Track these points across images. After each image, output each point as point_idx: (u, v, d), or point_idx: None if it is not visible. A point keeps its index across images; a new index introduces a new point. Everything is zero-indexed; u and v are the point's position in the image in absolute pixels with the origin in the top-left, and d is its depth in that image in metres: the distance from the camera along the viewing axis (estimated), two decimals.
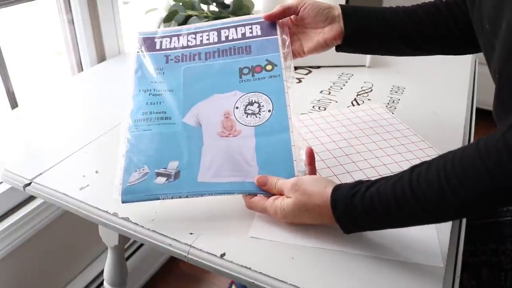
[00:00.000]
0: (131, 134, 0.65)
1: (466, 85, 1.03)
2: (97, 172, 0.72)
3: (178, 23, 1.11)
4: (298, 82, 1.05)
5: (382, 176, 0.56)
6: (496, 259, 0.71)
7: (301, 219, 0.58)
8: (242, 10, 1.14)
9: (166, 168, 0.62)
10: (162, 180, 0.62)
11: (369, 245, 0.58)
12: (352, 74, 1.09)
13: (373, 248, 0.58)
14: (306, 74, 1.10)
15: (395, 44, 0.73)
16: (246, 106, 0.67)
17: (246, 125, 0.65)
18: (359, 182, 0.55)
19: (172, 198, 0.61)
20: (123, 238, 0.77)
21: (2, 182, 0.96)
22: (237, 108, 0.67)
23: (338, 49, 0.74)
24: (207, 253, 0.57)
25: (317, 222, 0.58)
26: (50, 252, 1.14)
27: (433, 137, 0.81)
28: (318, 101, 0.96)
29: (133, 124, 0.66)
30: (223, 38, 0.73)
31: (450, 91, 1.00)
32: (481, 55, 0.66)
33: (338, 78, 1.07)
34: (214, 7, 1.20)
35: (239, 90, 0.68)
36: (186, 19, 1.11)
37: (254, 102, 0.67)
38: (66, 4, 1.12)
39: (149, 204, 0.61)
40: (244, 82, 0.68)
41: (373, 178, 0.54)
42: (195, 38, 0.74)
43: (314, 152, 0.64)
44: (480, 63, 1.12)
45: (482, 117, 1.28)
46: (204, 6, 1.19)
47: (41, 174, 0.72)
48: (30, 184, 0.71)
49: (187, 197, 0.61)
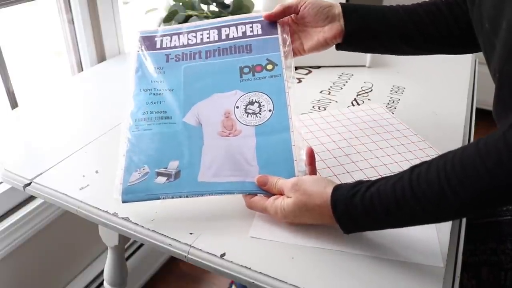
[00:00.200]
0: (132, 133, 0.65)
1: (466, 85, 1.03)
2: (97, 172, 0.72)
3: (178, 23, 1.11)
4: (298, 82, 1.05)
5: (382, 176, 0.56)
6: (496, 259, 0.71)
7: (301, 219, 0.58)
8: (242, 10, 1.14)
9: (166, 167, 0.62)
10: (162, 179, 0.62)
11: (369, 245, 0.58)
12: (352, 74, 1.09)
13: (373, 248, 0.58)
14: (306, 74, 1.10)
15: (395, 42, 0.73)
16: (246, 106, 0.67)
17: (246, 124, 0.65)
18: (359, 182, 0.55)
19: (172, 197, 0.61)
20: (123, 238, 0.77)
21: (2, 182, 0.96)
22: (237, 107, 0.67)
23: (338, 47, 0.74)
24: (207, 253, 0.57)
25: (317, 222, 0.58)
26: (50, 252, 1.14)
27: (433, 137, 0.81)
28: (318, 101, 0.96)
29: (133, 123, 0.66)
30: (224, 37, 0.73)
31: (450, 91, 1.00)
32: (481, 55, 0.66)
33: (338, 78, 1.07)
34: (214, 7, 1.20)
35: (240, 89, 0.68)
36: (186, 19, 1.11)
37: (254, 101, 0.67)
38: (66, 4, 1.12)
39: (149, 204, 0.61)
40: (244, 82, 0.68)
41: (373, 178, 0.55)
42: (196, 37, 0.74)
43: (314, 152, 0.64)
44: (480, 63, 1.12)
45: (482, 117, 1.28)
46: (204, 6, 1.19)
47: (41, 174, 0.72)
48: (30, 184, 0.71)
49: (188, 196, 0.61)
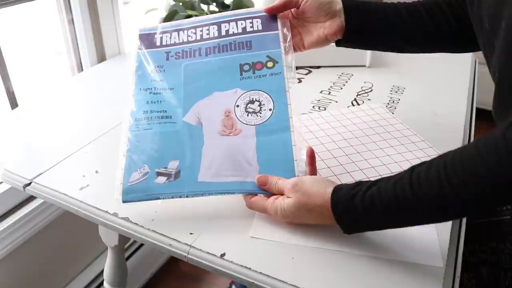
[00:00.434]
0: (132, 133, 0.65)
1: (466, 85, 1.03)
2: (97, 172, 0.72)
3: None
4: (298, 82, 1.05)
5: (382, 176, 0.56)
6: (496, 258, 0.71)
7: (301, 219, 0.58)
8: None
9: (166, 167, 0.62)
10: (162, 179, 0.62)
11: (369, 245, 0.58)
12: (352, 74, 1.09)
13: (373, 248, 0.58)
14: (306, 74, 1.10)
15: (396, 40, 0.73)
16: (247, 105, 0.66)
17: (247, 123, 0.65)
18: (360, 183, 0.54)
19: (172, 197, 0.61)
20: (123, 238, 0.77)
21: (2, 182, 0.96)
22: (237, 106, 0.66)
23: (338, 44, 0.74)
24: (207, 253, 0.57)
25: (317, 223, 0.58)
26: (50, 252, 1.14)
27: (433, 137, 0.81)
28: (318, 101, 0.96)
29: (134, 123, 0.66)
30: (223, 33, 0.72)
31: (450, 91, 1.00)
32: (481, 55, 0.66)
33: (338, 78, 1.07)
34: (214, 7, 1.20)
35: (240, 87, 0.68)
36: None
37: (255, 100, 0.66)
38: (66, 4, 1.12)
39: (149, 204, 0.61)
40: (244, 80, 0.68)
41: (373, 178, 0.54)
42: (195, 33, 0.73)
43: (314, 152, 0.64)
44: (480, 63, 1.12)
45: (482, 117, 1.28)
46: (204, 6, 1.19)
47: (41, 174, 0.72)
48: (30, 184, 0.70)
49: (188, 196, 0.61)
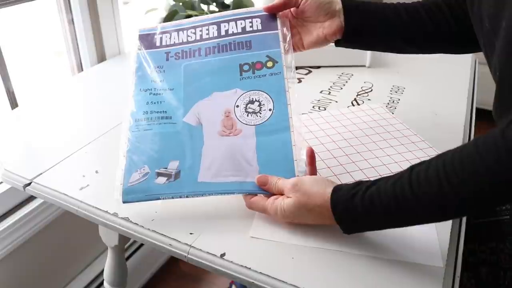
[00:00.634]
0: (132, 133, 0.65)
1: (466, 85, 1.03)
2: (97, 172, 0.72)
3: None
4: (298, 82, 1.05)
5: (382, 176, 0.56)
6: (495, 258, 0.71)
7: (301, 219, 0.58)
8: None
9: (166, 168, 0.62)
10: (162, 180, 0.62)
11: (369, 245, 0.58)
12: (352, 74, 1.09)
13: (373, 248, 0.58)
14: (306, 74, 1.10)
15: (395, 41, 0.73)
16: (246, 105, 0.66)
17: (246, 124, 0.65)
18: (359, 183, 0.54)
19: (172, 198, 0.61)
20: (123, 238, 0.77)
21: (2, 182, 0.96)
22: (237, 106, 0.66)
23: (338, 44, 0.74)
24: (207, 253, 0.57)
25: (317, 223, 0.58)
26: (50, 252, 1.14)
27: (433, 137, 0.81)
28: (318, 101, 0.96)
29: (134, 123, 0.66)
30: (223, 33, 0.72)
31: (450, 91, 1.00)
32: (481, 55, 0.66)
33: (338, 78, 1.07)
34: (214, 7, 1.20)
35: (240, 87, 0.67)
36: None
37: (254, 100, 0.66)
38: (66, 4, 1.12)
39: (149, 204, 0.61)
40: (244, 80, 0.68)
41: (373, 178, 0.54)
42: (195, 33, 0.73)
43: (314, 152, 0.64)
44: (480, 63, 1.12)
45: (482, 117, 1.28)
46: (204, 6, 1.19)
47: (41, 174, 0.72)
48: (30, 184, 0.71)
49: (188, 197, 0.61)
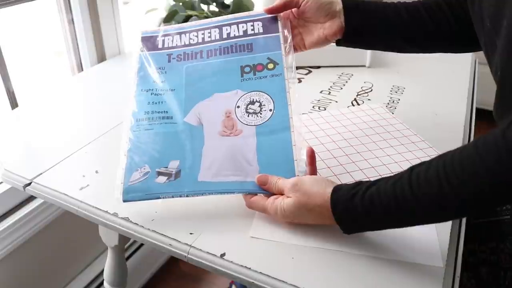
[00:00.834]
0: (133, 133, 0.65)
1: (466, 85, 1.03)
2: (97, 172, 0.72)
3: (178, 23, 1.11)
4: (298, 82, 1.05)
5: (382, 176, 0.56)
6: (495, 258, 0.71)
7: (301, 219, 0.58)
8: (242, 10, 1.14)
9: (167, 167, 0.62)
10: (163, 179, 0.62)
11: (369, 245, 0.58)
12: (352, 74, 1.09)
13: (373, 248, 0.58)
14: (306, 74, 1.10)
15: (396, 40, 0.73)
16: (247, 105, 0.67)
17: (247, 124, 0.65)
18: (359, 183, 0.54)
19: (172, 197, 0.61)
20: (123, 238, 0.77)
21: (2, 182, 0.96)
22: (238, 107, 0.67)
23: (339, 43, 0.74)
24: (207, 253, 0.57)
25: (317, 222, 0.58)
26: (50, 252, 1.14)
27: (433, 137, 0.81)
28: (318, 101, 0.96)
29: (135, 123, 0.66)
30: (225, 36, 0.73)
31: (450, 91, 1.00)
32: (481, 55, 0.66)
33: (338, 78, 1.07)
34: (214, 7, 1.20)
35: (241, 89, 0.68)
36: (186, 19, 1.11)
37: (255, 101, 0.67)
38: (66, 4, 1.12)
39: (149, 204, 0.61)
40: (245, 81, 0.68)
41: (373, 178, 0.55)
42: (197, 36, 0.74)
43: (314, 152, 0.64)
44: (480, 63, 1.12)
45: (482, 117, 1.28)
46: (204, 6, 1.19)
47: (41, 174, 0.72)
48: (30, 184, 0.71)
49: (188, 196, 0.61)
